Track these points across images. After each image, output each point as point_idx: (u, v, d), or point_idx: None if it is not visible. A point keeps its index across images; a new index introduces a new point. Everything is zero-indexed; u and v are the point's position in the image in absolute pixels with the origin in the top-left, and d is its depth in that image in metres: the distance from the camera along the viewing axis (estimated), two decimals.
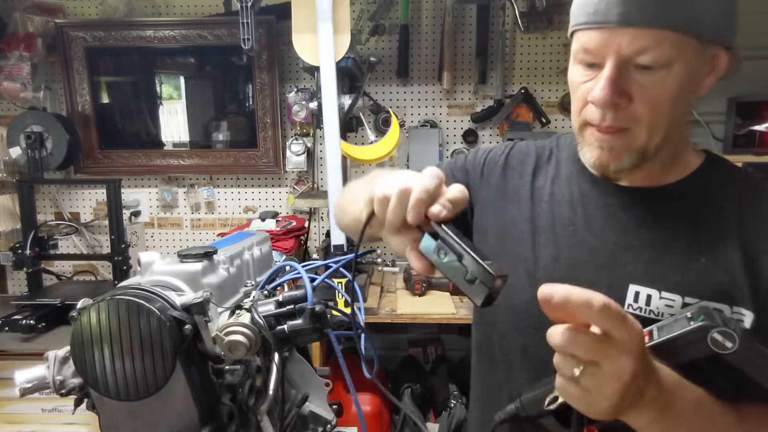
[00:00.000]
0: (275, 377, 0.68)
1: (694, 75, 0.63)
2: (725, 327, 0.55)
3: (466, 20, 2.25)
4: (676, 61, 0.61)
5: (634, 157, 0.66)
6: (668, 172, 0.71)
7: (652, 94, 0.62)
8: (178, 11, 2.30)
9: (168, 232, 2.44)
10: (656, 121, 0.64)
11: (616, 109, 0.64)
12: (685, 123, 0.70)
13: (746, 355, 0.55)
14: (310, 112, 2.07)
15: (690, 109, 0.70)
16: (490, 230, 0.81)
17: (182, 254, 0.67)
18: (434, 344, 2.35)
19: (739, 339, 0.55)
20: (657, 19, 0.59)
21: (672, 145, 0.68)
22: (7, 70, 2.14)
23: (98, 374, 0.56)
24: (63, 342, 0.59)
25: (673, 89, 0.62)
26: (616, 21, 0.60)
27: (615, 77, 0.62)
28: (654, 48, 0.60)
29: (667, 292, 0.66)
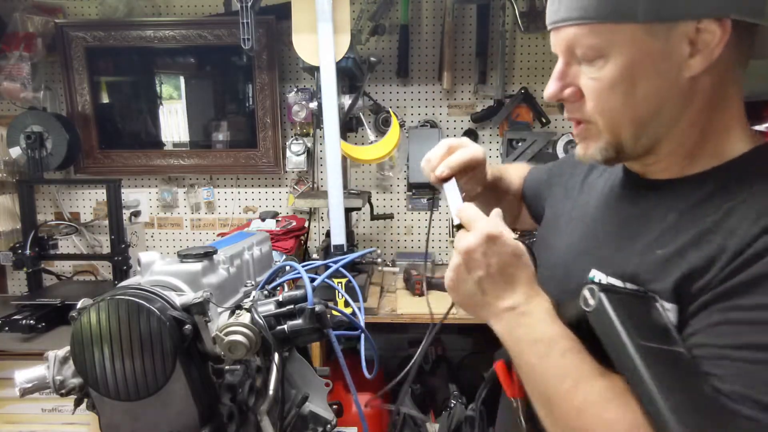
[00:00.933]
0: (275, 377, 0.68)
1: (651, 59, 0.58)
2: (596, 285, 0.55)
3: (466, 20, 2.25)
4: (611, 50, 0.58)
5: (603, 149, 0.65)
6: (692, 161, 0.63)
7: (594, 85, 0.61)
8: (178, 11, 2.30)
9: (168, 232, 2.44)
10: (608, 113, 0.62)
11: (569, 102, 0.66)
12: (702, 107, 0.61)
13: (599, 317, 0.54)
14: (310, 112, 2.08)
15: (712, 92, 0.60)
16: (545, 220, 0.90)
17: (182, 254, 0.67)
18: (434, 344, 2.34)
19: (597, 296, 0.54)
20: (570, 17, 0.60)
21: (695, 132, 0.62)
22: (7, 70, 2.13)
23: (98, 374, 0.56)
24: (63, 342, 0.59)
25: (614, 78, 0.59)
26: (550, 23, 0.64)
27: (560, 72, 0.64)
28: (580, 42, 0.60)
29: (612, 277, 0.66)
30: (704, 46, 0.56)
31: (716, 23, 0.55)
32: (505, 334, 0.64)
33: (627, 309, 0.53)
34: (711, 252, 0.56)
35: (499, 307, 0.64)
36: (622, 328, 0.52)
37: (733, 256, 0.54)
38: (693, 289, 0.56)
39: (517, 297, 0.63)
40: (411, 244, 2.42)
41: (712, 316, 0.54)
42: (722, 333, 0.52)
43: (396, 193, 2.39)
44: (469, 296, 0.67)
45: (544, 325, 0.61)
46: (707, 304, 0.55)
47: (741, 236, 0.54)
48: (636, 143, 0.63)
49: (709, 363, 0.52)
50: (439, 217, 2.40)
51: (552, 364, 0.59)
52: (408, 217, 2.40)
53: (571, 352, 0.58)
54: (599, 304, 0.53)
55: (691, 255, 0.57)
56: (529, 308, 0.63)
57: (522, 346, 0.62)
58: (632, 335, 0.51)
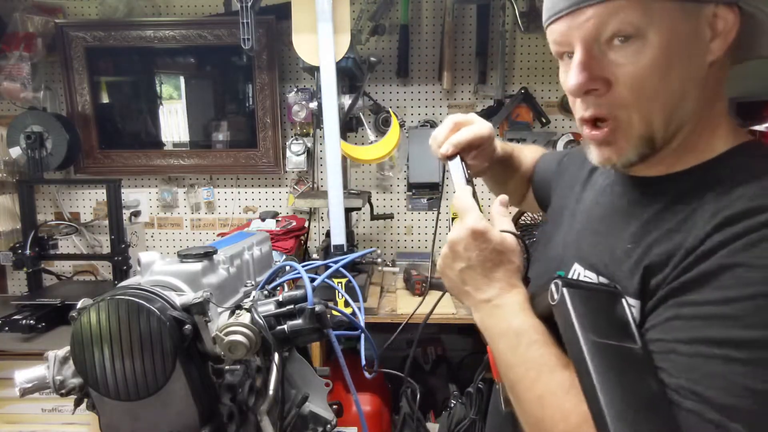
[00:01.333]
0: (275, 377, 0.68)
1: (685, 40, 0.56)
2: (561, 280, 0.55)
3: (466, 20, 2.25)
4: (649, 29, 0.55)
5: (638, 147, 0.61)
6: (680, 158, 0.62)
7: (631, 70, 0.57)
8: (178, 11, 2.30)
9: (168, 232, 2.44)
10: (645, 101, 0.58)
11: (595, 96, 0.60)
12: (706, 99, 0.59)
13: (560, 311, 0.55)
14: (310, 112, 2.08)
15: (714, 84, 0.59)
16: (551, 211, 0.90)
17: (182, 254, 0.67)
18: (434, 344, 2.35)
19: (561, 291, 0.55)
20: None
21: (690, 127, 0.60)
22: (7, 70, 2.14)
23: (98, 374, 0.56)
24: (63, 342, 0.59)
25: (653, 61, 0.55)
26: (567, 6, 0.58)
27: (584, 61, 0.58)
28: (613, 20, 0.55)
29: (588, 270, 0.67)
30: (722, 28, 0.56)
31: (729, 10, 0.56)
32: (480, 323, 0.67)
33: (588, 305, 0.54)
34: (669, 249, 0.56)
35: (476, 298, 0.67)
36: (577, 323, 0.53)
37: (687, 253, 0.54)
38: (651, 284, 0.57)
39: (492, 290, 0.66)
40: (411, 244, 2.42)
41: (666, 311, 0.54)
42: (673, 328, 0.53)
43: (396, 193, 2.39)
44: (453, 284, 0.71)
45: (513, 318, 0.63)
46: (662, 300, 0.55)
47: (696, 234, 0.54)
48: (666, 132, 0.60)
49: (660, 357, 0.53)
50: (439, 217, 2.39)
51: (519, 354, 0.60)
52: (408, 217, 2.40)
53: (537, 344, 0.60)
54: (561, 298, 0.55)
55: (653, 252, 0.58)
56: (502, 301, 0.65)
57: (494, 337, 0.65)
58: (586, 330, 0.52)
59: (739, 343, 0.48)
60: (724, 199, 0.55)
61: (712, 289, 0.51)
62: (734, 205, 0.53)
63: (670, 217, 0.59)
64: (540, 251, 0.87)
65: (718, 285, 0.51)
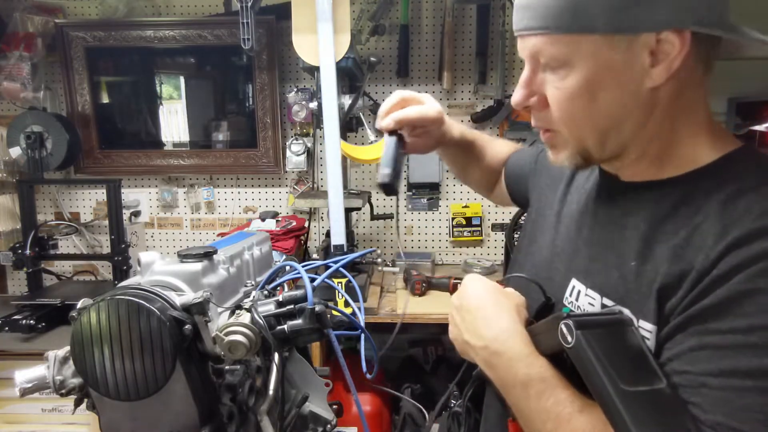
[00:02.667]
0: (275, 377, 0.68)
1: (612, 70, 0.58)
2: (571, 320, 0.54)
3: (466, 20, 2.25)
4: (574, 61, 0.58)
5: (572, 156, 0.65)
6: (661, 167, 0.63)
7: (557, 94, 0.61)
8: (178, 11, 2.30)
9: (168, 232, 2.44)
10: (572, 122, 0.62)
11: (535, 111, 0.66)
12: (664, 116, 0.61)
13: (578, 355, 0.53)
14: (310, 112, 2.08)
15: (672, 101, 0.60)
16: (532, 211, 0.90)
17: (182, 254, 0.67)
18: (434, 344, 2.35)
19: (575, 335, 0.53)
20: (533, 26, 0.60)
21: (659, 140, 0.62)
22: (7, 70, 2.13)
23: (98, 374, 0.56)
24: (63, 342, 0.59)
25: (578, 87, 0.59)
26: (515, 30, 0.64)
27: (526, 80, 0.65)
28: (542, 52, 0.60)
29: (591, 290, 0.66)
30: (665, 56, 0.56)
31: (676, 35, 0.55)
32: (487, 372, 0.66)
33: (605, 345, 0.53)
34: (681, 268, 0.55)
35: (475, 345, 0.67)
36: (602, 372, 0.51)
37: (701, 276, 0.53)
38: (666, 308, 0.56)
39: (489, 334, 0.66)
40: (411, 244, 2.42)
41: (687, 340, 0.53)
42: (700, 359, 0.52)
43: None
44: (456, 338, 0.72)
45: (518, 366, 0.61)
46: (681, 327, 0.54)
47: (707, 253, 0.53)
48: (601, 150, 0.64)
49: (689, 391, 0.52)
50: (439, 217, 2.40)
51: (532, 407, 0.59)
52: (408, 217, 2.40)
53: (545, 394, 0.58)
54: (578, 343, 0.53)
55: (662, 271, 0.57)
56: (503, 347, 0.63)
57: (502, 388, 0.64)
58: (614, 380, 0.51)
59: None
60: (727, 214, 0.54)
61: (734, 317, 0.50)
62: (742, 222, 0.53)
63: (671, 230, 0.58)
64: (523, 251, 0.86)
65: (741, 312, 0.50)
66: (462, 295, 0.72)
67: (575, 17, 0.56)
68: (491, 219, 2.39)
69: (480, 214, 2.36)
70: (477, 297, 0.69)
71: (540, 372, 0.60)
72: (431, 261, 2.24)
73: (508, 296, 0.70)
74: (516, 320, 0.66)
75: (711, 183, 0.58)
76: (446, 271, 2.23)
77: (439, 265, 2.37)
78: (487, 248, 2.41)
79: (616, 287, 0.62)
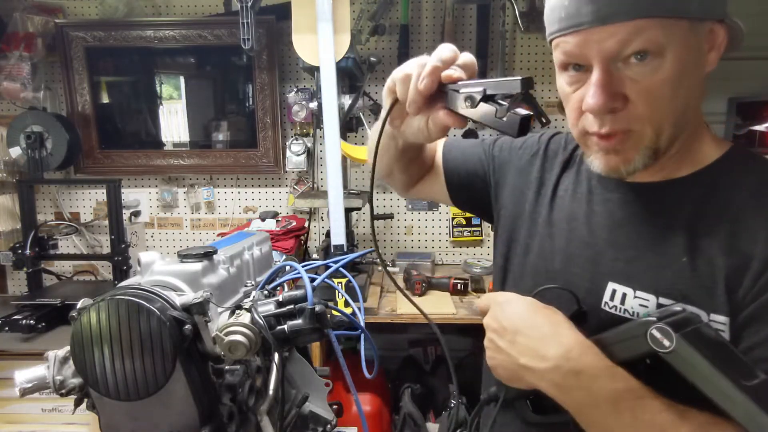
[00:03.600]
0: (275, 377, 0.68)
1: (693, 56, 0.59)
2: (665, 324, 0.52)
3: (466, 20, 2.25)
4: (668, 47, 0.57)
5: (645, 156, 0.62)
6: (680, 165, 0.65)
7: (649, 86, 0.58)
8: (178, 11, 2.30)
9: (168, 232, 2.44)
10: (659, 114, 0.60)
11: (614, 113, 0.60)
12: (697, 109, 0.64)
13: (683, 357, 0.52)
14: (310, 112, 2.08)
15: (702, 92, 0.64)
16: (507, 210, 0.86)
17: (182, 254, 0.67)
18: (434, 344, 2.34)
19: (676, 338, 0.52)
20: (634, 10, 0.55)
21: (686, 135, 0.63)
22: (7, 70, 2.13)
23: (98, 374, 0.56)
24: (63, 342, 0.59)
25: (670, 77, 0.58)
26: (589, 20, 0.57)
27: (605, 80, 0.58)
28: (638, 38, 0.56)
29: (641, 291, 0.63)
30: (717, 45, 0.61)
31: (720, 24, 0.60)
32: (558, 397, 0.60)
33: (704, 345, 0.52)
34: (739, 260, 0.58)
35: (540, 368, 0.60)
36: (720, 371, 0.50)
37: (764, 265, 0.56)
38: (735, 299, 0.57)
39: (555, 352, 0.59)
40: (411, 244, 2.42)
41: (765, 328, 0.55)
42: None
43: (396, 193, 2.39)
44: (507, 365, 0.64)
45: (600, 382, 0.56)
46: (755, 316, 0.56)
47: (764, 243, 0.56)
48: (670, 142, 0.62)
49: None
50: (439, 217, 2.40)
51: (626, 422, 0.55)
52: (408, 217, 2.40)
53: (639, 406, 0.55)
54: (680, 346, 0.52)
55: (720, 264, 0.59)
56: (578, 365, 0.58)
57: (581, 408, 0.59)
58: (734, 377, 0.50)
59: None
60: (764, 204, 0.59)
61: None
62: None
63: (710, 223, 0.61)
64: (517, 260, 0.81)
65: None
66: (501, 316, 0.65)
67: (677, 1, 0.56)
68: None
69: None
70: (522, 315, 0.63)
71: (628, 385, 0.56)
72: (431, 261, 2.24)
73: (552, 310, 0.64)
74: (578, 333, 0.60)
75: (727, 178, 0.63)
76: (446, 271, 2.23)
77: (439, 265, 2.37)
78: (487, 248, 2.41)
79: (674, 284, 0.61)
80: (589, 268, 0.70)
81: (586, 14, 0.57)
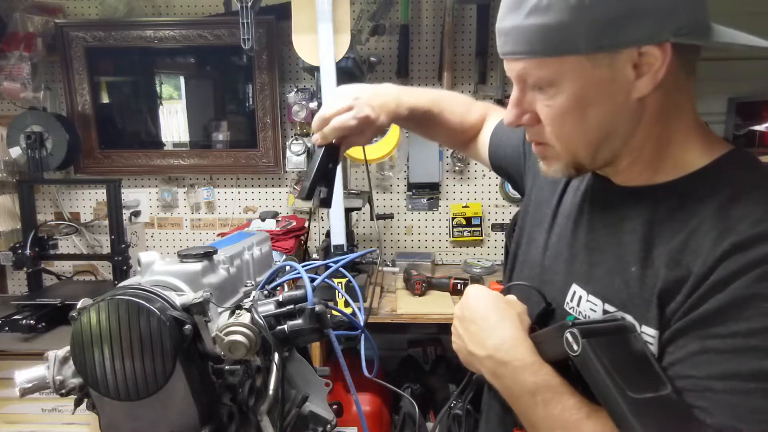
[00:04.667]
0: (275, 377, 0.68)
1: (602, 87, 0.59)
2: (577, 330, 0.54)
3: (466, 20, 2.25)
4: (561, 82, 0.60)
5: (565, 168, 0.67)
6: (655, 171, 0.64)
7: (551, 114, 0.62)
8: (178, 11, 2.30)
9: (168, 232, 2.44)
10: (567, 138, 0.63)
11: (528, 127, 0.67)
12: (653, 122, 0.62)
13: (584, 364, 0.54)
14: (310, 112, 2.08)
15: (660, 108, 0.61)
16: (529, 202, 0.88)
17: (182, 254, 0.67)
18: (434, 344, 2.35)
19: (581, 344, 0.54)
20: (517, 51, 0.61)
21: (650, 146, 0.63)
22: (7, 70, 2.13)
23: (98, 374, 0.56)
24: (63, 342, 0.59)
25: (569, 108, 0.60)
26: (500, 54, 0.65)
27: (516, 100, 0.65)
28: (529, 73, 0.61)
29: (592, 296, 0.66)
30: (648, 68, 0.57)
31: (657, 47, 0.56)
32: (492, 382, 0.67)
33: (611, 353, 0.54)
34: (679, 274, 0.56)
35: (479, 355, 0.67)
36: (609, 381, 0.52)
37: (698, 281, 0.54)
38: (667, 312, 0.57)
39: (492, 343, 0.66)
40: (411, 244, 2.42)
41: (689, 344, 0.54)
42: (703, 363, 0.53)
43: (396, 193, 2.39)
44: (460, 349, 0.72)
45: (523, 375, 0.62)
46: (681, 332, 0.55)
47: (704, 259, 0.54)
48: (593, 161, 0.65)
49: (694, 395, 0.52)
50: (439, 217, 2.40)
51: (539, 414, 0.60)
52: (408, 217, 2.40)
53: (553, 401, 0.59)
54: (584, 352, 0.54)
55: (662, 276, 0.58)
56: (507, 356, 0.64)
57: (509, 398, 0.65)
58: (621, 389, 0.52)
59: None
60: (723, 219, 0.55)
61: (735, 321, 0.51)
62: (738, 228, 0.54)
63: (668, 234, 0.59)
64: (522, 248, 0.85)
65: (741, 316, 0.51)
66: (464, 305, 0.72)
67: (557, 40, 0.57)
68: (491, 219, 2.39)
69: (480, 214, 2.36)
70: (479, 307, 0.69)
71: (546, 380, 0.60)
72: (431, 261, 2.24)
73: (510, 304, 0.70)
74: (519, 328, 0.66)
75: (705, 188, 0.59)
76: (446, 271, 2.23)
77: (439, 265, 2.37)
78: (487, 248, 2.41)
79: (618, 293, 0.63)
80: (565, 268, 0.73)
81: (498, 47, 0.65)
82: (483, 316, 0.68)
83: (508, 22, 0.61)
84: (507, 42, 0.62)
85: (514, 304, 0.71)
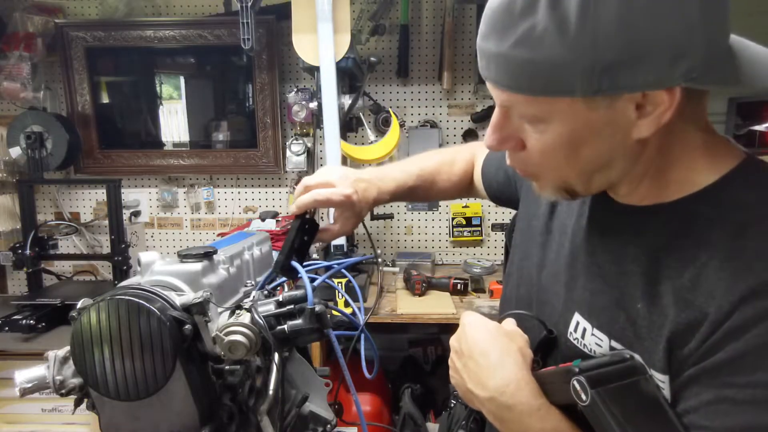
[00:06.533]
0: (275, 377, 0.68)
1: (593, 128, 0.53)
2: (584, 378, 0.52)
3: (466, 20, 2.25)
4: (552, 119, 0.53)
5: (557, 192, 0.62)
6: (659, 191, 0.58)
7: (536, 145, 0.57)
8: (178, 11, 2.30)
9: (168, 232, 2.44)
10: (553, 169, 0.58)
11: (511, 152, 0.61)
12: (655, 151, 0.56)
13: (594, 414, 0.52)
14: (310, 112, 2.08)
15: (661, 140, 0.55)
16: (519, 219, 0.85)
17: (182, 254, 0.67)
18: (434, 344, 2.35)
19: (590, 394, 0.51)
20: (502, 80, 0.54)
21: (652, 169, 0.58)
22: (7, 70, 2.13)
23: (98, 374, 0.56)
24: (63, 342, 0.59)
25: (557, 143, 0.55)
26: (483, 76, 0.58)
27: (498, 124, 0.59)
28: (515, 106, 0.55)
29: (597, 330, 0.62)
30: (653, 108, 0.51)
31: (664, 91, 0.49)
32: (495, 424, 0.62)
33: (621, 402, 0.52)
34: (691, 316, 0.52)
35: (480, 396, 0.62)
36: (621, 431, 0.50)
37: (714, 326, 0.50)
38: (679, 356, 0.53)
39: (494, 383, 0.60)
40: (411, 244, 2.42)
41: (704, 392, 0.51)
42: (718, 413, 0.50)
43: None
44: (458, 385, 0.67)
45: (529, 420, 0.58)
46: (695, 379, 0.52)
47: (719, 302, 0.50)
48: (587, 189, 0.61)
49: None
50: (439, 217, 2.40)
51: None
52: (408, 217, 2.40)
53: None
54: (593, 403, 0.52)
55: (671, 317, 0.53)
56: (512, 400, 0.59)
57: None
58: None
59: None
60: (737, 253, 0.51)
61: (752, 371, 0.48)
62: (755, 268, 0.50)
63: (674, 266, 0.55)
64: (516, 265, 0.81)
65: (758, 366, 0.48)
66: (461, 338, 0.66)
67: (548, 80, 0.50)
68: (491, 219, 2.39)
69: (480, 214, 2.36)
70: (478, 341, 0.64)
71: (555, 426, 0.57)
72: (431, 261, 2.24)
73: (511, 337, 0.65)
74: (522, 366, 0.61)
75: (711, 209, 0.54)
76: (446, 271, 2.23)
77: (439, 265, 2.37)
78: (487, 248, 2.41)
79: (624, 331, 0.59)
80: (565, 293, 0.68)
81: (479, 68, 0.58)
82: (482, 351, 0.63)
83: (491, 46, 0.53)
84: (489, 68, 0.55)
85: (515, 336, 0.65)
